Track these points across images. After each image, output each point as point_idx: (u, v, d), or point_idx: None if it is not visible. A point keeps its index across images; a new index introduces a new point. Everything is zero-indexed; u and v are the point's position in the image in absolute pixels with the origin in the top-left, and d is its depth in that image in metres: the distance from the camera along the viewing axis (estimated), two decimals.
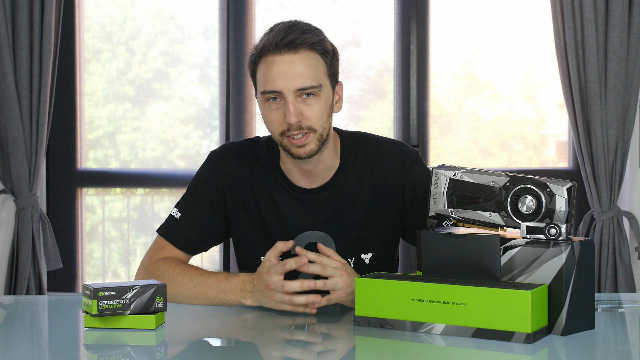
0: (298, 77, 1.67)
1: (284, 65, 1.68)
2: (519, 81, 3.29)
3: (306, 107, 1.69)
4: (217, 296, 1.70)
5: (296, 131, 1.69)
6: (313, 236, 1.81)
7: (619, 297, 2.02)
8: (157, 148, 3.30)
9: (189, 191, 1.88)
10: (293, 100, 1.68)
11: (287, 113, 1.67)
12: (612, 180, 3.01)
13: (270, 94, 1.69)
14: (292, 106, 1.67)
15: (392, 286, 1.46)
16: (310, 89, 1.68)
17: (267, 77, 1.69)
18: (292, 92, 1.68)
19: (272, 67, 1.68)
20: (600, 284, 3.05)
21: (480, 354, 1.33)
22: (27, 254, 3.02)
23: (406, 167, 1.83)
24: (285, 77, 1.67)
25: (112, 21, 3.30)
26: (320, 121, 1.71)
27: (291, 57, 1.68)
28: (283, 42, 1.67)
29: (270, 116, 1.72)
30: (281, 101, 1.70)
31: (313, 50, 1.70)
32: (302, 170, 1.80)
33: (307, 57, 1.69)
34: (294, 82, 1.67)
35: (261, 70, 1.72)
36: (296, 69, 1.68)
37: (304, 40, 1.68)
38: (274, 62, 1.69)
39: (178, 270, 1.77)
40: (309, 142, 1.71)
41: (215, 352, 1.42)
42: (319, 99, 1.71)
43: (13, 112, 2.98)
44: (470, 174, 1.53)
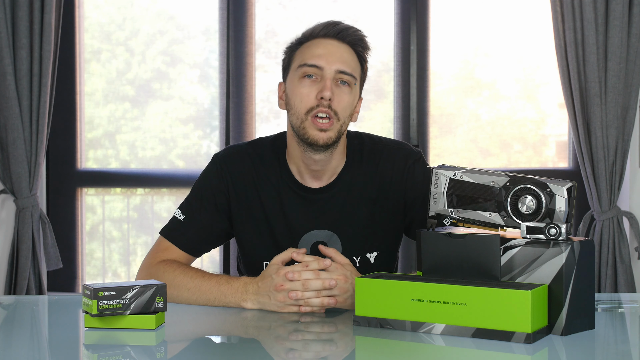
0: (342, 60, 1.75)
1: (331, 47, 1.76)
2: (519, 81, 3.29)
3: (339, 92, 1.75)
4: (217, 298, 1.70)
5: (325, 109, 1.72)
6: (319, 235, 1.82)
7: (619, 297, 2.02)
8: (157, 148, 3.30)
9: (192, 193, 1.88)
10: (331, 79, 1.74)
11: (324, 88, 1.72)
12: (612, 180, 3.01)
13: (311, 67, 1.74)
14: (329, 82, 1.73)
15: (392, 286, 1.46)
16: (348, 75, 1.75)
17: (312, 53, 1.76)
18: (333, 71, 1.74)
19: (319, 45, 1.76)
20: (600, 284, 3.05)
21: (480, 354, 1.33)
22: (27, 254, 3.02)
23: (409, 165, 1.85)
24: (330, 56, 1.75)
25: (112, 21, 3.30)
26: (345, 112, 1.76)
27: (338, 43, 1.77)
28: (335, 29, 1.77)
29: (302, 92, 1.75)
30: (317, 79, 1.74)
31: (355, 50, 1.79)
32: (310, 169, 1.81)
33: (350, 51, 1.78)
34: (337, 63, 1.74)
35: (304, 50, 1.78)
36: (341, 54, 1.76)
37: (352, 33, 1.78)
38: (321, 42, 1.77)
39: (179, 272, 1.77)
40: (331, 128, 1.74)
41: (215, 352, 1.42)
42: (350, 91, 1.76)
43: (13, 112, 2.98)
44: (470, 174, 1.53)
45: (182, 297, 1.73)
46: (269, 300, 1.64)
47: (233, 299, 1.69)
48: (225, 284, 1.70)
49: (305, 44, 1.78)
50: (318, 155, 1.77)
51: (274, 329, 1.52)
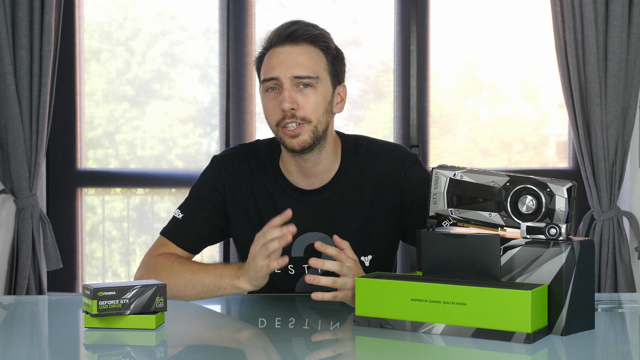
0: (296, 65, 1.73)
1: (284, 55, 1.74)
2: (519, 81, 3.29)
3: (302, 97, 1.73)
4: (212, 281, 1.71)
5: (290, 119, 1.72)
6: (313, 237, 1.82)
7: (619, 297, 2.02)
8: (157, 148, 3.30)
9: (191, 193, 1.91)
10: (289, 88, 1.73)
11: (282, 99, 1.72)
12: (612, 180, 3.01)
13: (269, 81, 1.74)
14: (287, 92, 1.72)
15: (392, 286, 1.46)
16: (306, 78, 1.73)
17: (267, 66, 1.76)
18: (289, 79, 1.73)
19: (272, 56, 1.76)
20: (600, 284, 3.05)
21: (480, 354, 1.33)
22: (27, 254, 3.02)
23: (405, 169, 1.84)
24: (283, 65, 1.73)
25: (112, 21, 3.30)
26: (315, 113, 1.74)
27: (292, 48, 1.75)
28: (285, 33, 1.75)
29: (268, 106, 1.77)
30: (279, 91, 1.74)
31: (314, 45, 1.76)
32: (302, 170, 1.81)
33: (307, 50, 1.75)
34: (291, 69, 1.73)
35: (264, 63, 1.79)
36: (295, 59, 1.74)
37: (305, 32, 1.75)
38: (275, 52, 1.76)
39: (177, 262, 1.79)
40: (302, 132, 1.73)
41: (215, 352, 1.42)
42: (315, 90, 1.74)
43: (13, 112, 2.98)
44: (470, 174, 1.53)
45: (180, 286, 1.74)
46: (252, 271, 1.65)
47: (228, 279, 1.70)
48: (222, 267, 1.73)
49: (266, 56, 1.79)
50: (305, 157, 1.78)
51: (274, 329, 1.52)
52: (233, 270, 1.71)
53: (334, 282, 1.61)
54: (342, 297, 1.63)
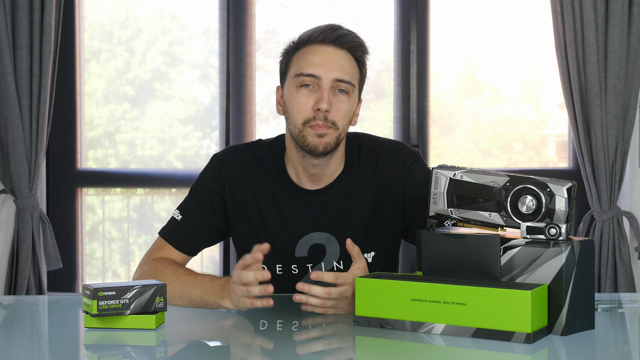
0: (339, 69, 1.72)
1: (329, 55, 1.73)
2: (519, 81, 3.29)
3: (337, 102, 1.73)
4: (199, 296, 1.69)
5: (322, 121, 1.71)
6: (317, 237, 1.82)
7: (619, 297, 2.02)
8: (157, 148, 3.30)
9: (190, 193, 1.89)
10: (328, 89, 1.71)
11: (321, 99, 1.70)
12: (612, 180, 3.01)
13: (308, 77, 1.71)
14: (326, 93, 1.71)
15: (392, 286, 1.46)
16: (346, 83, 1.73)
17: (309, 61, 1.73)
18: (330, 80, 1.71)
19: (316, 53, 1.73)
20: (600, 284, 3.05)
21: (480, 354, 1.33)
22: (27, 254, 3.02)
23: (407, 167, 1.84)
24: (327, 64, 1.72)
25: (112, 21, 3.30)
26: (343, 121, 1.74)
27: (336, 50, 1.74)
28: (333, 35, 1.73)
29: (299, 101, 1.73)
30: (314, 89, 1.72)
31: (353, 55, 1.76)
32: (309, 173, 1.80)
33: (348, 57, 1.75)
34: (335, 72, 1.72)
35: (301, 56, 1.75)
36: (339, 61, 1.73)
37: (351, 39, 1.75)
38: (318, 49, 1.73)
39: (169, 269, 1.77)
40: (328, 133, 1.72)
41: (215, 351, 1.42)
42: (348, 98, 1.74)
43: (13, 112, 2.98)
44: (470, 174, 1.53)
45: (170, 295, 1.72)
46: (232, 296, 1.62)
47: (213, 297, 1.67)
48: (209, 283, 1.69)
49: (302, 50, 1.75)
50: (317, 160, 1.77)
51: (274, 329, 1.52)
52: (218, 288, 1.66)
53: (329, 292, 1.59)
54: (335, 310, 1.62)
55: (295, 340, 1.47)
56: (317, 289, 1.59)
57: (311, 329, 1.54)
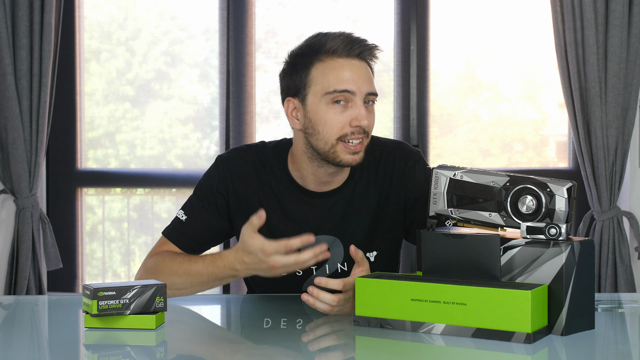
0: (369, 82, 1.75)
1: (357, 69, 1.74)
2: (520, 81, 3.29)
3: (369, 113, 1.75)
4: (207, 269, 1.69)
5: (360, 135, 1.73)
6: (322, 240, 1.81)
7: (619, 297, 2.02)
8: (157, 148, 3.30)
9: (195, 194, 1.89)
10: (362, 104, 1.73)
11: (359, 116, 1.71)
12: (612, 180, 3.01)
13: (342, 93, 1.71)
14: (363, 109, 1.72)
15: (392, 286, 1.46)
16: (375, 95, 1.76)
17: (340, 77, 1.72)
18: (364, 94, 1.73)
19: (344, 67, 1.73)
20: (600, 284, 3.05)
21: (480, 354, 1.33)
22: (27, 254, 3.02)
23: (409, 167, 1.85)
24: (358, 79, 1.73)
25: (112, 21, 3.30)
26: (372, 129, 1.78)
27: (360, 63, 1.75)
28: (355, 49, 1.74)
29: (334, 119, 1.72)
30: (347, 104, 1.73)
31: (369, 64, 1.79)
32: (320, 180, 1.81)
33: (367, 67, 1.78)
34: (366, 86, 1.73)
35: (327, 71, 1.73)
36: (366, 74, 1.75)
37: (370, 54, 1.77)
38: (346, 64, 1.73)
39: (168, 259, 1.77)
40: (362, 149, 1.75)
41: (215, 352, 1.42)
42: (373, 108, 1.78)
43: (13, 112, 2.98)
44: (470, 174, 1.53)
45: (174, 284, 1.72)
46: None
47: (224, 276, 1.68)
48: (211, 265, 1.69)
49: (325, 63, 1.73)
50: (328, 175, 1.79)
51: (273, 329, 1.52)
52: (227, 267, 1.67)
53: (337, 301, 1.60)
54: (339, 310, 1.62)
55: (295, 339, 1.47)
56: (327, 296, 1.58)
57: (311, 328, 1.54)
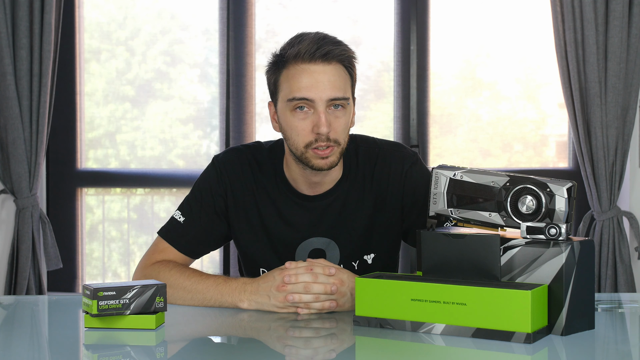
0: (331, 87, 1.67)
1: (318, 75, 1.67)
2: (520, 81, 3.29)
3: (334, 119, 1.69)
4: (214, 297, 1.69)
5: (324, 142, 1.68)
6: (317, 242, 1.81)
7: (619, 297, 2.02)
8: (157, 148, 3.30)
9: (192, 195, 1.87)
10: (324, 110, 1.67)
11: (319, 123, 1.66)
12: (612, 180, 3.01)
13: (301, 101, 1.67)
14: (323, 116, 1.67)
15: (392, 286, 1.46)
16: (340, 100, 1.68)
17: (299, 85, 1.67)
18: (325, 101, 1.67)
19: (304, 75, 1.67)
20: (600, 284, 3.05)
21: (480, 354, 1.33)
22: (27, 254, 3.02)
23: (405, 169, 1.83)
24: (319, 86, 1.67)
25: (112, 21, 3.30)
26: (344, 135, 1.72)
27: (324, 67, 1.68)
28: (318, 52, 1.67)
29: (297, 126, 1.69)
30: (310, 110, 1.68)
31: (342, 65, 1.71)
32: (309, 181, 1.80)
33: (338, 70, 1.70)
34: (327, 92, 1.67)
35: (289, 78, 1.70)
36: (329, 79, 1.68)
37: (339, 53, 1.69)
38: (307, 70, 1.68)
39: (175, 271, 1.76)
40: (332, 154, 1.70)
41: (214, 352, 1.42)
42: (345, 112, 1.71)
43: (13, 112, 2.98)
44: (470, 174, 1.53)
45: (179, 297, 1.72)
46: (268, 300, 1.64)
47: (230, 299, 1.67)
48: (223, 284, 1.69)
49: (290, 69, 1.69)
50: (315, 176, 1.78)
51: (273, 330, 1.52)
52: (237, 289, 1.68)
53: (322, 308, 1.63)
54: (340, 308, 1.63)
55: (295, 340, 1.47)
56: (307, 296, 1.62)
57: (310, 328, 1.54)
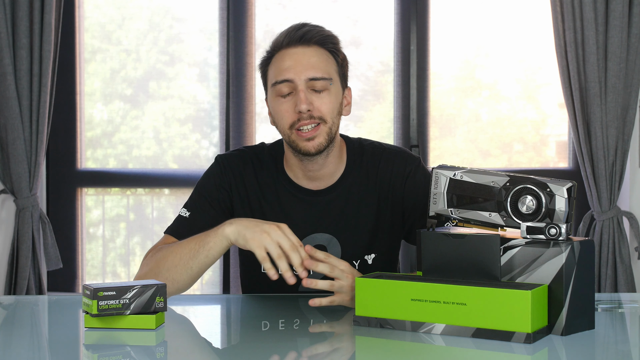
0: (310, 67, 1.72)
1: (297, 56, 1.72)
2: (519, 81, 3.29)
3: (317, 98, 1.72)
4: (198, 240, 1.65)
5: (307, 120, 1.71)
6: (319, 238, 1.82)
7: (619, 297, 2.02)
8: (156, 148, 3.30)
9: (196, 191, 1.89)
10: (304, 89, 1.71)
11: (298, 101, 1.70)
12: (612, 180, 3.01)
13: (282, 83, 1.72)
14: (302, 94, 1.70)
15: (392, 286, 1.46)
16: (321, 80, 1.72)
17: (280, 68, 1.73)
18: (304, 81, 1.71)
19: (285, 58, 1.73)
20: (600, 284, 3.05)
21: (480, 354, 1.33)
22: (27, 254, 3.02)
23: (408, 170, 1.85)
24: (297, 66, 1.71)
25: (112, 21, 3.30)
26: (331, 113, 1.74)
27: (304, 49, 1.73)
28: (297, 35, 1.73)
29: (281, 109, 1.74)
30: (293, 93, 1.72)
31: (324, 47, 1.75)
32: (308, 174, 1.81)
33: (318, 51, 1.74)
34: (306, 71, 1.71)
35: (273, 65, 1.76)
36: (308, 60, 1.72)
37: (316, 34, 1.74)
38: (287, 54, 1.73)
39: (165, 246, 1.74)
40: (318, 134, 1.72)
41: (215, 352, 1.42)
42: (329, 92, 1.74)
43: (13, 112, 2.98)
44: (470, 174, 1.53)
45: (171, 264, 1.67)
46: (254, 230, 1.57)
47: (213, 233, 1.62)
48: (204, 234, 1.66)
49: (276, 57, 1.76)
50: (313, 160, 1.78)
51: (273, 329, 1.52)
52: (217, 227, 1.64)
53: (330, 285, 1.60)
54: (340, 300, 1.62)
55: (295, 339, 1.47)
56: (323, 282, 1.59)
57: (310, 328, 1.54)
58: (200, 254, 1.65)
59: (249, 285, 1.94)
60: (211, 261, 1.65)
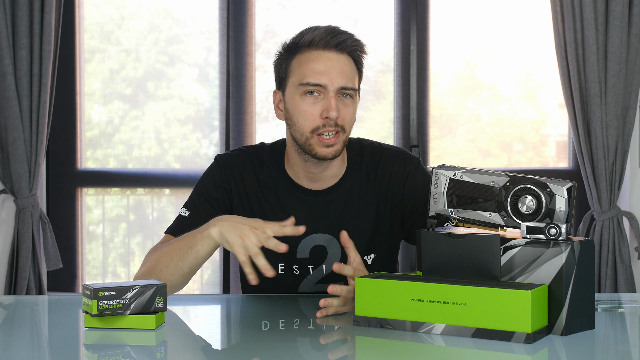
0: (343, 75, 1.73)
1: (331, 62, 1.73)
2: (519, 81, 3.29)
3: (343, 107, 1.74)
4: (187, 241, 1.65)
5: (332, 127, 1.72)
6: (319, 239, 1.82)
7: (619, 297, 2.02)
8: (156, 148, 3.30)
9: (196, 190, 1.89)
10: (334, 96, 1.72)
11: (329, 107, 1.71)
12: (612, 180, 3.01)
13: (314, 86, 1.72)
14: (334, 101, 1.71)
15: (392, 286, 1.46)
16: (350, 90, 1.74)
17: (313, 69, 1.72)
18: (336, 88, 1.72)
19: (319, 60, 1.73)
20: (600, 284, 3.05)
21: (480, 354, 1.33)
22: (27, 254, 3.02)
23: (407, 171, 1.85)
24: (332, 72, 1.72)
25: (112, 21, 3.30)
26: (350, 124, 1.76)
27: (337, 56, 1.74)
28: (333, 40, 1.73)
29: (306, 110, 1.73)
30: (320, 96, 1.73)
31: (352, 58, 1.77)
32: (310, 175, 1.81)
33: (349, 61, 1.75)
34: (339, 79, 1.72)
35: (302, 63, 1.74)
36: (342, 68, 1.73)
37: (351, 44, 1.75)
38: (321, 56, 1.73)
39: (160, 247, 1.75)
40: (337, 142, 1.74)
41: (215, 352, 1.42)
42: (353, 102, 1.76)
43: (13, 112, 2.98)
44: (470, 174, 1.53)
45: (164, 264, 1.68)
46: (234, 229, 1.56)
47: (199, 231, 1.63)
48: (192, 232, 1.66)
49: (303, 55, 1.74)
50: (316, 168, 1.79)
51: (273, 329, 1.52)
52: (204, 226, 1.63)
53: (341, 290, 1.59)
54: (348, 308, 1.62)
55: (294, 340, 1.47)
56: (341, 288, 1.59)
57: (310, 328, 1.54)
58: (189, 255, 1.65)
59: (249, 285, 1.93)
60: (201, 262, 1.66)
